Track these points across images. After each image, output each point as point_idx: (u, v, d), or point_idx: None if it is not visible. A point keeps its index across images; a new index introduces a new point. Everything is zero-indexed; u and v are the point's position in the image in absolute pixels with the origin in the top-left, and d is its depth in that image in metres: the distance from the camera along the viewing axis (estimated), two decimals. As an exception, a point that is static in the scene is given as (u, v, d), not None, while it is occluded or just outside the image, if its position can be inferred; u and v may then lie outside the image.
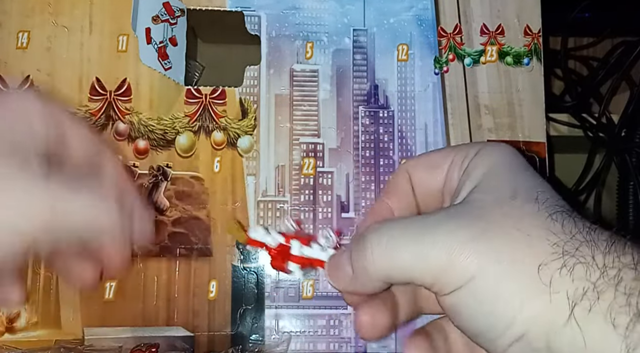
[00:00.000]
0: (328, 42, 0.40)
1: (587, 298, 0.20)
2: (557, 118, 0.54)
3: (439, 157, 0.28)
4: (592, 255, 0.21)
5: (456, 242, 0.22)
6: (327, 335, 0.37)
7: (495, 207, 0.23)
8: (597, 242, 0.21)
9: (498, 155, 0.26)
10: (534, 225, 0.22)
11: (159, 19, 0.39)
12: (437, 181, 0.28)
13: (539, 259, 0.21)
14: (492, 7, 0.41)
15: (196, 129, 0.38)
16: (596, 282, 0.20)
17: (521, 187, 0.24)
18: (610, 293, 0.20)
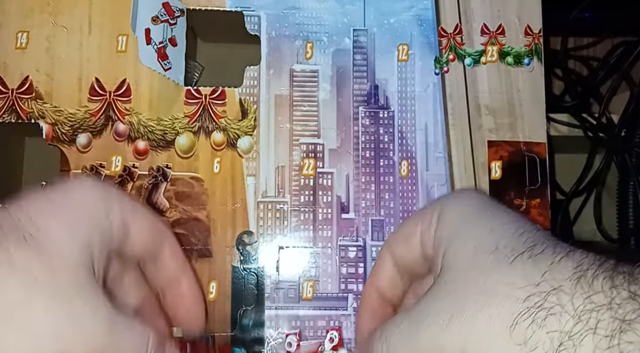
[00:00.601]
0: (328, 42, 0.40)
1: (564, 348, 0.20)
2: (557, 118, 0.54)
3: (410, 228, 0.30)
4: (560, 303, 0.20)
5: (437, 332, 0.23)
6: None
7: (462, 277, 0.24)
8: (562, 284, 0.21)
9: (459, 209, 0.27)
10: (497, 282, 0.22)
11: (159, 19, 0.39)
12: (415, 251, 0.29)
13: (509, 319, 0.21)
14: (492, 7, 0.41)
15: (196, 129, 0.38)
16: (571, 331, 0.20)
17: (482, 239, 0.25)
18: (589, 339, 0.19)
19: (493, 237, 0.24)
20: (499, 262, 0.23)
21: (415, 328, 0.24)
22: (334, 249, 0.38)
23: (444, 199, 0.29)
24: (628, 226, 0.52)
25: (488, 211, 0.27)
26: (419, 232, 0.29)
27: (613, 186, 0.54)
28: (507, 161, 0.40)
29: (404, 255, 0.30)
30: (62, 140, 0.37)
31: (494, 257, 0.23)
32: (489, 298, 0.22)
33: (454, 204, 0.28)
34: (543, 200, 0.40)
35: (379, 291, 0.31)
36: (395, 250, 0.30)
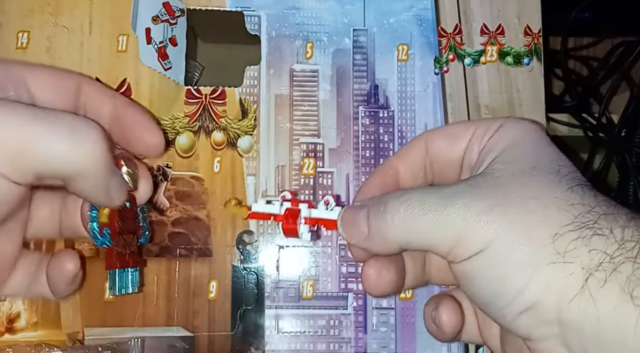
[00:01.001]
0: (328, 42, 0.40)
1: (602, 269, 0.20)
2: (557, 118, 0.54)
3: (460, 129, 0.28)
4: (610, 228, 0.21)
5: (473, 212, 0.22)
6: (327, 335, 0.37)
7: (514, 177, 0.23)
8: (617, 215, 0.21)
9: (521, 129, 0.26)
10: (553, 196, 0.22)
11: (159, 19, 0.39)
12: (457, 152, 0.28)
13: (554, 229, 0.21)
14: (492, 7, 0.41)
15: (196, 129, 0.38)
16: (613, 254, 0.20)
17: (543, 159, 0.24)
18: (628, 266, 0.20)
19: (555, 163, 0.24)
20: (559, 181, 0.23)
21: (448, 202, 0.23)
22: (334, 248, 0.38)
23: (505, 118, 0.28)
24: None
25: (552, 145, 0.26)
26: (470, 136, 0.27)
27: (613, 186, 0.54)
28: (506, 161, 0.40)
29: (443, 151, 0.28)
30: (63, 140, 0.37)
31: (554, 177, 0.23)
32: (540, 205, 0.22)
33: (519, 123, 0.27)
34: (543, 200, 0.40)
35: (396, 174, 0.29)
36: (434, 143, 0.28)
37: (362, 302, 0.37)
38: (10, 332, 0.35)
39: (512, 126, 0.26)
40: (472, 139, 0.27)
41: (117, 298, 0.36)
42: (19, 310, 0.35)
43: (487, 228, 0.22)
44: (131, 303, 0.36)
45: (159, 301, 0.36)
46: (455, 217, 0.23)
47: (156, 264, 0.37)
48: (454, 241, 0.23)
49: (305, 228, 0.29)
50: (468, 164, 0.27)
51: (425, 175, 0.29)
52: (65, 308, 0.36)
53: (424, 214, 0.23)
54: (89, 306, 0.36)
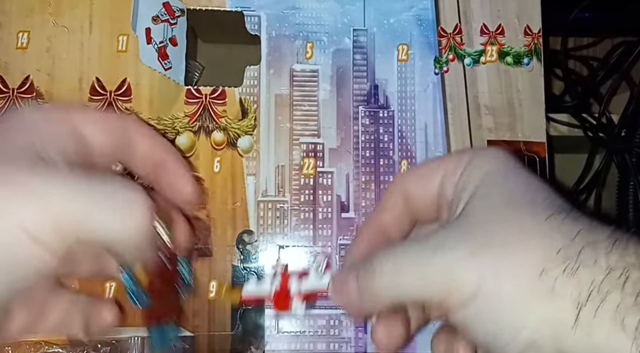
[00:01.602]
0: (328, 42, 0.40)
1: (592, 300, 0.20)
2: (557, 118, 0.54)
3: (431, 168, 0.28)
4: (594, 258, 0.21)
5: (455, 261, 0.22)
6: (327, 335, 0.37)
7: (492, 216, 0.23)
8: (599, 242, 0.21)
9: (491, 162, 0.26)
10: (532, 230, 0.22)
11: (159, 19, 0.39)
12: (431, 192, 0.28)
13: (540, 266, 0.21)
14: (492, 7, 0.41)
15: (196, 129, 0.38)
16: (601, 284, 0.20)
17: (517, 191, 0.24)
18: (616, 294, 0.20)
19: (529, 193, 0.24)
20: (535, 213, 0.23)
21: (432, 253, 0.23)
22: (334, 248, 0.38)
23: (474, 150, 0.28)
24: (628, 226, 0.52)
25: (522, 171, 0.26)
26: (441, 174, 0.27)
27: (613, 186, 0.54)
28: (506, 161, 0.40)
29: (418, 193, 0.28)
30: (63, 140, 0.37)
31: (531, 208, 0.23)
32: (521, 243, 0.22)
33: (487, 155, 0.27)
34: (543, 200, 0.40)
35: (382, 226, 0.29)
36: (409, 186, 0.29)
37: (362, 302, 0.37)
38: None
39: (480, 160, 0.26)
40: (444, 178, 0.27)
41: (117, 297, 0.36)
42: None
43: (473, 276, 0.22)
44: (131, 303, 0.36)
45: (159, 301, 0.36)
46: (440, 268, 0.23)
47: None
48: (444, 292, 0.23)
49: (297, 304, 0.29)
50: (445, 202, 0.27)
51: (408, 219, 0.30)
52: (65, 308, 0.36)
53: (410, 268, 0.24)
54: (89, 306, 0.36)
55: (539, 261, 0.21)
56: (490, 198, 0.24)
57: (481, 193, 0.25)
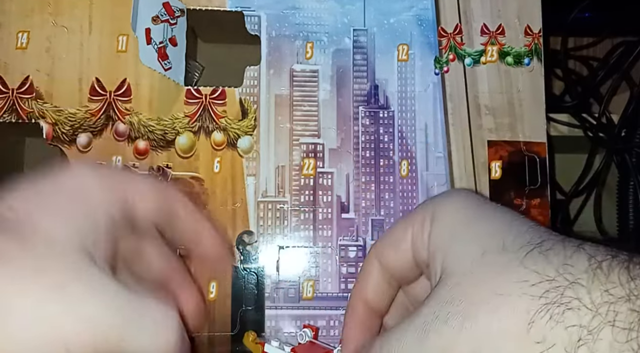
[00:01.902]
0: (328, 42, 0.40)
1: (584, 342, 0.20)
2: (557, 118, 0.54)
3: (400, 232, 0.28)
4: (578, 298, 0.20)
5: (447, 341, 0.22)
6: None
7: (469, 279, 0.23)
8: (578, 278, 0.21)
9: (454, 211, 0.26)
10: (510, 281, 0.22)
11: (159, 19, 0.39)
12: (406, 256, 0.28)
13: (526, 318, 0.21)
14: (492, 7, 0.41)
15: (196, 129, 0.38)
16: (590, 325, 0.20)
17: (486, 237, 0.24)
18: (607, 332, 0.19)
19: (498, 237, 0.24)
20: (509, 261, 0.22)
21: (422, 336, 0.23)
22: (334, 249, 0.38)
23: (434, 201, 0.28)
24: (628, 226, 0.52)
25: (486, 211, 0.26)
26: (410, 237, 0.28)
27: (613, 186, 0.54)
28: (507, 161, 0.40)
29: (393, 261, 0.29)
30: (63, 140, 0.37)
31: (503, 257, 0.23)
32: (503, 298, 0.21)
33: (448, 205, 0.27)
34: (543, 200, 0.40)
35: (366, 301, 0.30)
36: (382, 256, 0.29)
37: (362, 303, 0.37)
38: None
39: (442, 211, 0.27)
40: (413, 241, 0.28)
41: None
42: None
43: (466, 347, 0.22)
44: None
45: (159, 301, 0.36)
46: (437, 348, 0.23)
47: (156, 264, 0.36)
48: None
49: None
50: (422, 263, 0.28)
51: (389, 286, 0.30)
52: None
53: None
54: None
55: (525, 314, 0.21)
56: (462, 256, 0.24)
57: (454, 251, 0.25)
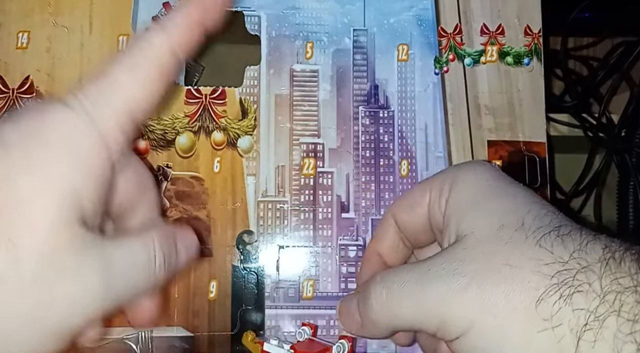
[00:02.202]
0: (328, 42, 0.40)
1: (589, 328, 0.20)
2: (557, 118, 0.54)
3: (418, 195, 0.29)
4: (588, 282, 0.20)
5: (450, 292, 0.22)
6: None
7: (483, 246, 0.23)
8: (591, 264, 0.21)
9: (475, 181, 0.26)
10: (524, 257, 0.22)
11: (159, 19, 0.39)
12: (421, 219, 0.28)
13: (535, 294, 0.21)
14: (492, 7, 0.41)
15: (196, 129, 0.38)
16: (597, 310, 0.20)
17: (505, 212, 0.24)
18: (612, 321, 0.19)
19: (517, 214, 0.23)
20: (525, 238, 0.22)
21: (424, 283, 0.23)
22: (334, 248, 0.38)
23: (455, 168, 0.28)
24: (628, 226, 0.52)
25: (508, 186, 0.26)
26: (428, 200, 0.28)
27: (613, 186, 0.54)
28: (506, 161, 0.40)
29: (409, 222, 0.29)
30: (63, 140, 0.37)
31: (520, 233, 0.23)
32: (514, 271, 0.21)
33: (470, 174, 0.26)
34: (543, 200, 0.40)
35: (381, 253, 0.30)
36: (399, 216, 0.29)
37: (362, 302, 0.37)
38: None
39: (465, 180, 0.26)
40: (431, 204, 0.28)
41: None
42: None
43: (467, 307, 0.22)
44: (131, 303, 0.36)
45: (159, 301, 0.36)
46: (434, 301, 0.23)
47: (156, 264, 0.36)
48: (439, 323, 0.23)
49: None
50: (436, 227, 0.28)
51: (404, 246, 0.30)
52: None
53: (404, 300, 0.24)
54: (89, 306, 0.36)
55: (534, 290, 0.21)
56: (480, 223, 0.24)
57: (470, 218, 0.25)
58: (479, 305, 0.22)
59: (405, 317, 0.24)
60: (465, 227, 0.24)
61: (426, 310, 0.23)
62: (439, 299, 0.22)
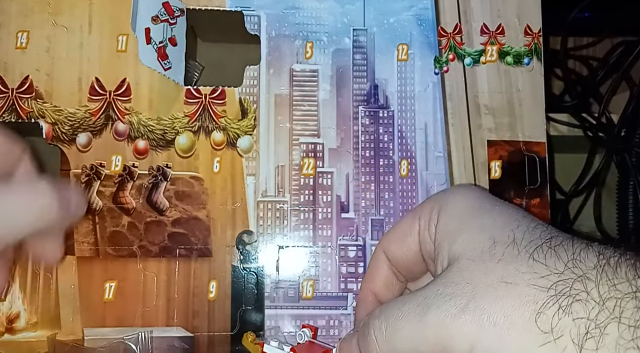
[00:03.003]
0: (328, 42, 0.40)
1: (591, 336, 0.19)
2: (557, 118, 0.54)
3: (407, 226, 0.29)
4: (586, 290, 0.20)
5: (448, 317, 0.22)
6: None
7: (477, 265, 0.23)
8: (587, 272, 0.21)
9: (462, 203, 0.26)
10: (519, 272, 0.22)
11: (159, 19, 0.39)
12: (413, 250, 0.28)
13: (534, 308, 0.21)
14: (492, 7, 0.41)
15: (196, 129, 0.38)
16: (597, 318, 0.20)
17: (495, 231, 0.24)
18: (614, 328, 0.19)
19: (508, 230, 0.24)
20: (518, 253, 0.22)
21: (422, 312, 0.23)
22: (334, 249, 0.38)
23: (441, 195, 0.28)
24: (628, 226, 0.52)
25: (496, 206, 0.26)
26: (417, 230, 0.28)
27: (613, 186, 0.54)
28: (507, 161, 0.40)
29: (400, 254, 0.29)
30: (62, 140, 0.37)
31: (513, 249, 0.23)
32: (511, 287, 0.21)
33: (457, 198, 0.27)
34: (543, 200, 0.40)
35: (375, 293, 0.30)
36: (390, 250, 0.30)
37: (362, 303, 0.37)
38: (10, 333, 0.35)
39: (452, 203, 0.27)
40: (421, 233, 0.28)
41: (117, 298, 0.36)
42: (19, 311, 0.35)
43: (467, 330, 0.22)
44: (131, 304, 0.36)
45: (159, 301, 0.36)
46: (433, 328, 0.23)
47: (156, 264, 0.36)
48: (440, 350, 0.23)
49: None
50: (428, 256, 0.28)
51: (398, 281, 0.30)
52: (65, 309, 0.36)
53: (403, 330, 0.24)
54: (89, 307, 0.36)
55: (533, 304, 0.21)
56: (472, 245, 0.24)
57: (461, 241, 0.25)
58: (478, 327, 0.21)
59: (407, 348, 0.24)
60: (456, 250, 0.24)
61: (426, 339, 0.23)
62: (438, 326, 0.22)
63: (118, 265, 0.36)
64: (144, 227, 0.37)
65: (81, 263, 0.36)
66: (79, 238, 0.36)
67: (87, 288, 0.36)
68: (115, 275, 0.36)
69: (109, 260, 0.36)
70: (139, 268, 0.36)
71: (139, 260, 0.36)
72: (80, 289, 0.36)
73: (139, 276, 0.36)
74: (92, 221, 0.37)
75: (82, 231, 0.36)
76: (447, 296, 0.23)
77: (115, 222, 0.37)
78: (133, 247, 0.36)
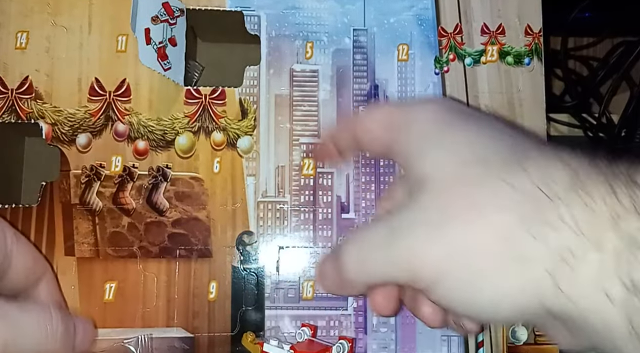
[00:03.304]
0: (328, 42, 0.40)
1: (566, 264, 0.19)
2: (557, 118, 0.54)
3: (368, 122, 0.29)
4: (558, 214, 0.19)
5: (417, 243, 0.22)
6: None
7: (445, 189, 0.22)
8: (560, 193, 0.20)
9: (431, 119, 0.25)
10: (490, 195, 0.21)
11: (159, 19, 0.39)
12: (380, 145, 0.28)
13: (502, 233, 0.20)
14: (492, 7, 0.41)
15: (196, 129, 0.38)
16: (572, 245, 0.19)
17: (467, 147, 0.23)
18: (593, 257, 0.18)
19: (480, 147, 0.23)
20: (489, 173, 0.22)
21: (391, 238, 0.23)
22: (334, 249, 0.38)
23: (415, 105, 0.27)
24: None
25: (469, 120, 0.25)
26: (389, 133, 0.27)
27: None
28: (507, 161, 0.40)
29: (367, 142, 0.29)
30: (62, 140, 0.37)
31: (484, 169, 0.22)
32: (481, 211, 0.21)
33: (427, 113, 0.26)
34: (543, 200, 0.40)
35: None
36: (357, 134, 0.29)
37: (362, 303, 0.37)
38: (10, 333, 0.35)
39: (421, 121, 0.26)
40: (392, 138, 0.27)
41: (117, 298, 0.36)
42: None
43: (435, 257, 0.21)
44: (131, 304, 0.36)
45: (159, 302, 0.36)
46: (402, 253, 0.22)
47: (156, 265, 0.36)
48: (410, 275, 0.22)
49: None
50: (400, 161, 0.27)
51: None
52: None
53: (373, 256, 0.24)
54: (89, 307, 0.36)
55: (500, 228, 0.20)
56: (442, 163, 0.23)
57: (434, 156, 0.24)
58: (447, 253, 0.21)
59: (377, 272, 0.24)
60: (429, 165, 0.24)
61: (396, 265, 0.23)
62: (407, 253, 0.22)
63: (118, 266, 0.36)
64: (143, 227, 0.37)
65: (81, 263, 0.36)
66: (79, 238, 0.36)
67: (87, 289, 0.36)
68: (115, 275, 0.36)
69: (108, 260, 0.36)
70: (138, 268, 0.36)
71: (139, 261, 0.36)
72: (80, 290, 0.35)
73: (139, 276, 0.36)
74: (92, 221, 0.37)
75: (82, 231, 0.36)
76: (416, 223, 0.22)
77: (115, 223, 0.37)
78: (133, 248, 0.36)
